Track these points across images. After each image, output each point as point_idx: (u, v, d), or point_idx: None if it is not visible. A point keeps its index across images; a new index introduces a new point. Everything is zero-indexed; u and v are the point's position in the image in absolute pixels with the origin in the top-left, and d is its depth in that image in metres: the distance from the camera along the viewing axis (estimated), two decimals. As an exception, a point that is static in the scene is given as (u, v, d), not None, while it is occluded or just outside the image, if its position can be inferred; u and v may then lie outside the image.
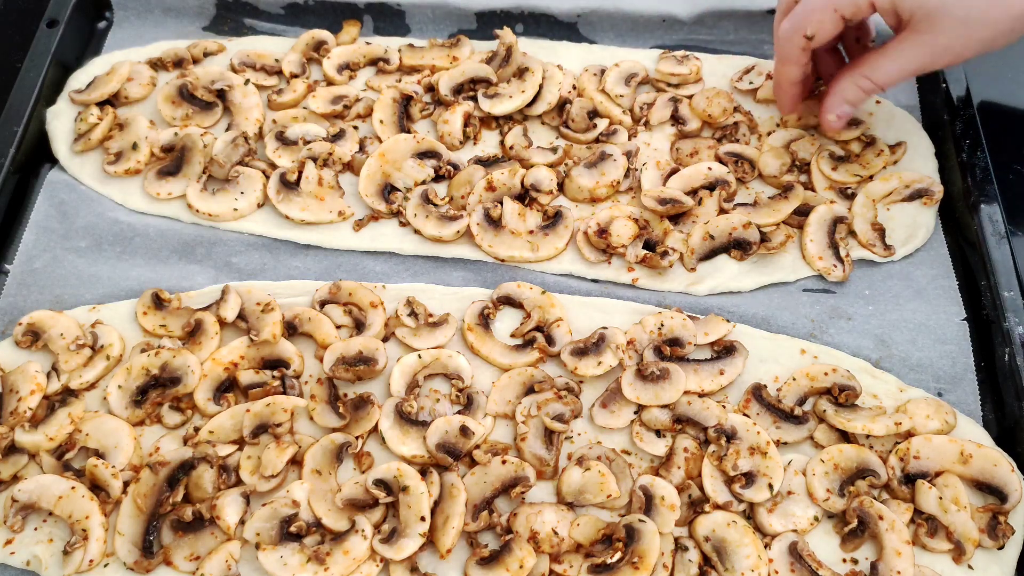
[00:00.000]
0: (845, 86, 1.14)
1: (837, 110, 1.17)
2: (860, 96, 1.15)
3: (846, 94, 1.14)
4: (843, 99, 1.15)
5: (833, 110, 1.17)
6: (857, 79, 1.12)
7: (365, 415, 1.06)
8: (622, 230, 1.20)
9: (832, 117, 1.18)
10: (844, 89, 1.14)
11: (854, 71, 1.13)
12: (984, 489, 1.02)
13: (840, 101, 1.16)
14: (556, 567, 0.98)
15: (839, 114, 1.17)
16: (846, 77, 1.14)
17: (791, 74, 1.18)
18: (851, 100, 1.15)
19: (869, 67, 1.10)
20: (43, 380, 1.09)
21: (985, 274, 1.17)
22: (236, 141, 1.28)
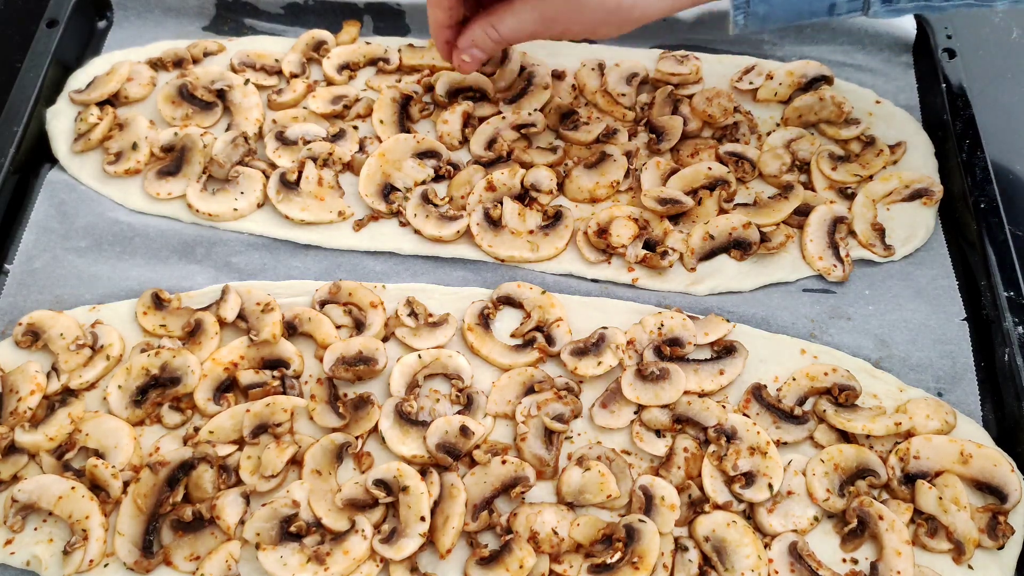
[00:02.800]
0: (475, 30, 1.18)
1: (467, 52, 1.20)
2: (488, 43, 1.18)
3: (475, 37, 1.18)
4: (472, 42, 1.19)
5: (464, 51, 1.20)
6: (486, 27, 1.16)
7: (365, 415, 1.06)
8: (622, 230, 1.20)
9: (465, 58, 1.20)
10: (474, 33, 1.18)
11: (486, 19, 1.16)
12: (984, 489, 1.02)
13: (469, 43, 1.19)
14: (556, 567, 0.98)
15: (469, 55, 1.20)
16: (478, 23, 1.17)
17: (438, 17, 1.19)
18: (479, 45, 1.19)
19: (497, 18, 1.15)
20: (43, 380, 1.09)
21: (985, 274, 1.17)
22: (236, 141, 1.29)
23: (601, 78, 1.38)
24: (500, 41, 1.17)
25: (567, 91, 1.37)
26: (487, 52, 1.20)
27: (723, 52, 1.44)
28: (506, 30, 1.15)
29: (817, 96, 1.32)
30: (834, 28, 1.42)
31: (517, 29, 1.15)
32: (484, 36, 1.17)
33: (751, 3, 1.09)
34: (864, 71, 1.41)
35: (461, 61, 1.21)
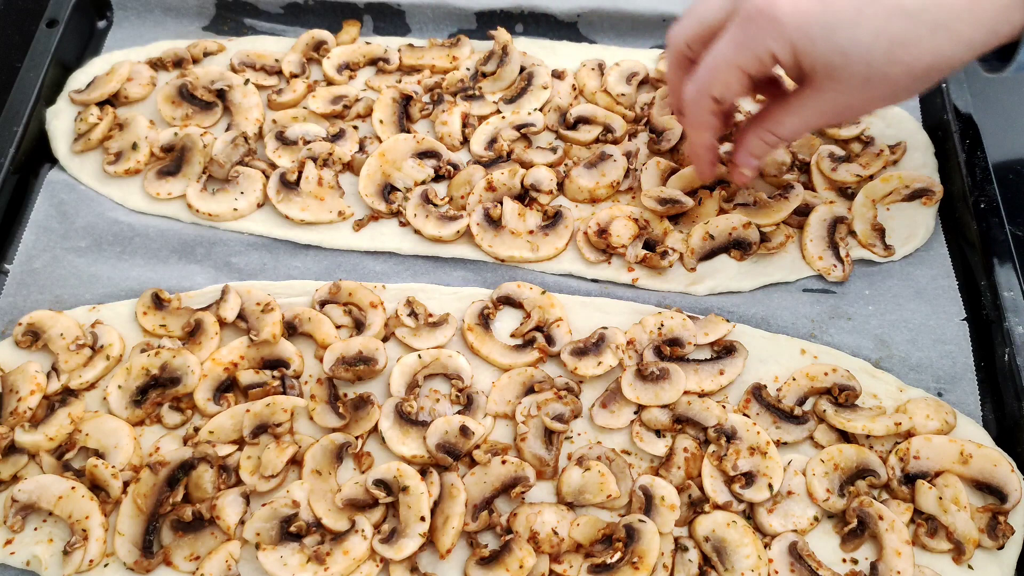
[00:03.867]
0: (751, 140, 1.11)
1: (745, 165, 1.14)
2: (766, 149, 1.11)
3: (752, 148, 1.11)
4: (749, 153, 1.12)
5: (742, 164, 1.14)
6: (762, 133, 1.09)
7: (365, 415, 1.06)
8: (622, 230, 1.20)
9: (746, 171, 1.14)
10: (750, 143, 1.11)
11: (759, 125, 1.09)
12: (984, 489, 1.02)
13: (747, 155, 1.13)
14: (556, 567, 0.98)
15: (748, 167, 1.14)
16: (752, 131, 1.11)
17: (705, 139, 1.13)
18: (757, 154, 1.12)
19: (773, 121, 1.08)
20: (43, 380, 1.09)
21: (985, 274, 1.17)
22: (236, 141, 1.28)
23: (601, 78, 1.38)
24: (778, 143, 1.10)
25: (567, 91, 1.37)
26: (763, 159, 1.14)
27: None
28: (787, 130, 1.07)
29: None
30: None
31: (803, 125, 1.07)
32: (762, 144, 1.10)
33: None
34: (864, 71, 1.41)
35: (741, 175, 1.15)
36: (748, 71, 1.01)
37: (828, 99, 1.01)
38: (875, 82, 0.98)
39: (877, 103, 1.03)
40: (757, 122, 1.10)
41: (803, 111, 1.04)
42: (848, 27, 0.94)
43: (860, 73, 0.97)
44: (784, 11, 0.96)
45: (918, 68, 0.96)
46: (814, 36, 0.95)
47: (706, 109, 1.06)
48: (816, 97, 1.02)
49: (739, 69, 1.01)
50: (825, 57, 0.96)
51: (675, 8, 1.44)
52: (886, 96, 1.01)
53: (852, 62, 0.96)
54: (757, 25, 0.98)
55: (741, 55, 1.00)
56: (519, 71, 1.39)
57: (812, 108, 1.03)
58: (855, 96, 1.00)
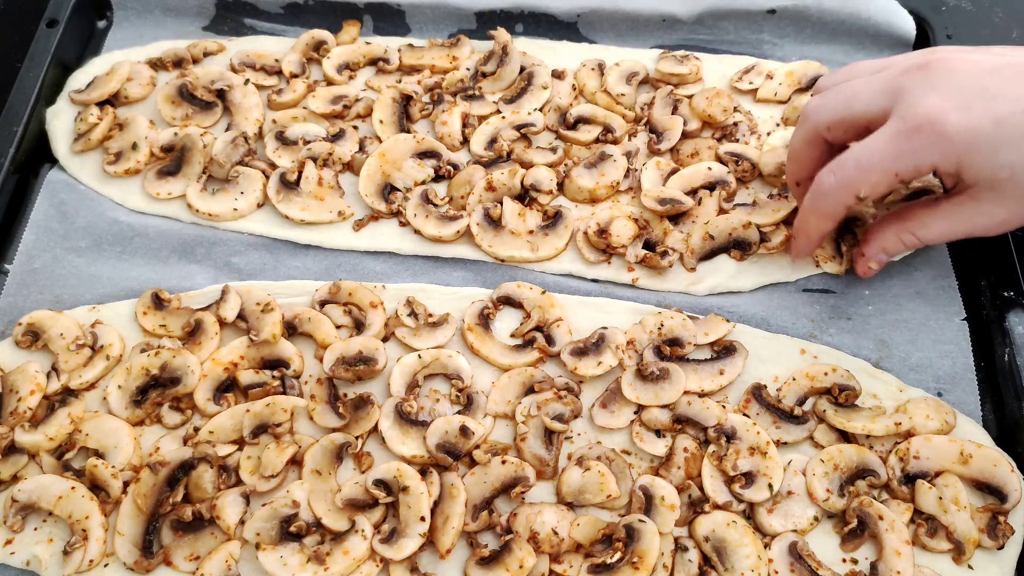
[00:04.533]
0: (888, 237, 1.10)
1: (874, 260, 1.13)
2: (901, 249, 1.11)
3: (887, 245, 1.10)
4: (882, 249, 1.11)
5: (872, 259, 1.13)
6: (902, 233, 1.08)
7: (365, 415, 1.06)
8: (622, 230, 1.20)
9: (873, 265, 1.14)
10: (886, 240, 1.10)
11: (900, 224, 1.08)
12: (984, 489, 1.02)
13: (879, 251, 1.12)
14: (556, 567, 0.98)
15: (877, 261, 1.13)
16: (890, 228, 1.09)
17: (826, 228, 1.10)
18: (890, 252, 1.12)
19: (918, 223, 1.06)
20: (43, 380, 1.09)
21: (985, 274, 1.17)
22: (236, 141, 1.29)
23: (601, 78, 1.38)
24: (916, 246, 1.09)
25: (567, 91, 1.37)
26: (895, 256, 1.13)
27: (723, 52, 1.44)
28: (931, 235, 1.06)
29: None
30: (834, 28, 1.42)
31: (948, 232, 1.05)
32: (898, 242, 1.09)
33: None
34: (864, 71, 1.41)
35: (868, 268, 1.14)
36: (904, 178, 1.01)
37: (984, 210, 1.01)
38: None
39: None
40: (899, 220, 1.09)
41: (954, 218, 1.04)
42: (1019, 146, 0.95)
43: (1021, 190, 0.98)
44: (955, 128, 0.95)
45: None
46: (983, 153, 0.96)
47: (844, 204, 1.05)
48: (972, 207, 1.01)
49: (895, 176, 1.00)
50: (991, 172, 0.97)
51: (675, 8, 1.44)
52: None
53: (1018, 178, 0.97)
54: (923, 137, 0.97)
55: (900, 163, 0.99)
56: (519, 71, 1.39)
57: (965, 217, 1.03)
58: (1014, 210, 1.00)
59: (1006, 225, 1.04)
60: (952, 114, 0.95)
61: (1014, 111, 0.95)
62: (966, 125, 0.95)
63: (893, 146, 0.99)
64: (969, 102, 0.96)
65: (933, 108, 0.96)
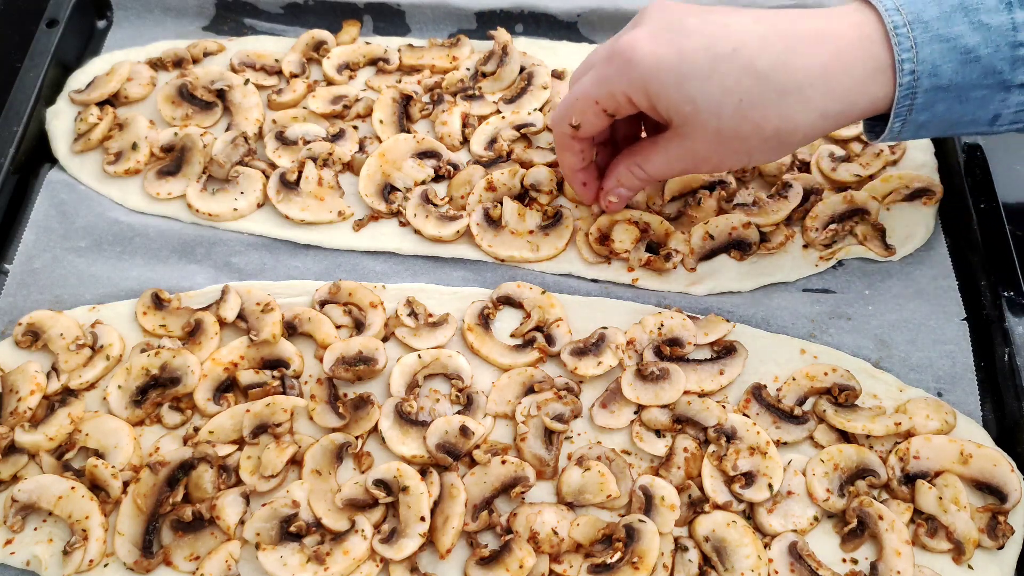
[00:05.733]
0: (622, 171, 1.13)
1: (613, 193, 1.16)
2: (634, 183, 1.14)
3: (621, 178, 1.14)
4: (618, 183, 1.15)
5: (611, 192, 1.17)
6: (632, 167, 1.12)
7: (365, 415, 1.06)
8: (624, 235, 1.20)
9: (612, 199, 1.17)
10: (620, 173, 1.14)
11: (631, 158, 1.12)
12: (984, 489, 1.02)
13: (616, 184, 1.15)
14: (556, 567, 0.98)
15: (616, 195, 1.17)
16: (623, 162, 1.13)
17: (569, 161, 1.16)
18: (627, 185, 1.15)
19: (643, 157, 1.10)
20: (43, 380, 1.09)
21: (985, 274, 1.17)
22: (236, 141, 1.29)
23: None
24: (647, 180, 1.13)
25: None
26: (634, 191, 1.17)
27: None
28: (653, 169, 1.10)
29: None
30: None
31: (665, 167, 1.10)
32: (630, 176, 1.13)
33: (913, 111, 0.98)
34: (864, 71, 1.41)
35: (608, 202, 1.18)
36: (604, 107, 1.05)
37: (686, 146, 1.03)
38: (726, 137, 1.00)
39: (732, 159, 1.04)
40: (630, 155, 1.12)
41: (669, 153, 1.06)
42: (700, 79, 0.97)
43: (711, 126, 0.99)
44: (640, 55, 0.99)
45: (767, 129, 0.98)
46: (666, 84, 0.98)
47: (565, 133, 1.11)
48: (676, 142, 1.04)
49: (595, 103, 1.05)
50: (678, 106, 0.99)
51: (675, 8, 1.44)
52: (739, 153, 1.03)
53: (703, 114, 0.98)
54: (615, 65, 1.01)
55: (598, 90, 1.04)
56: (519, 71, 1.39)
57: (673, 152, 1.06)
58: (710, 148, 1.02)
59: (708, 163, 1.06)
60: (643, 43, 0.99)
61: (700, 46, 0.97)
62: (652, 54, 0.98)
63: (594, 75, 1.04)
64: (662, 34, 0.99)
65: (629, 38, 1.00)
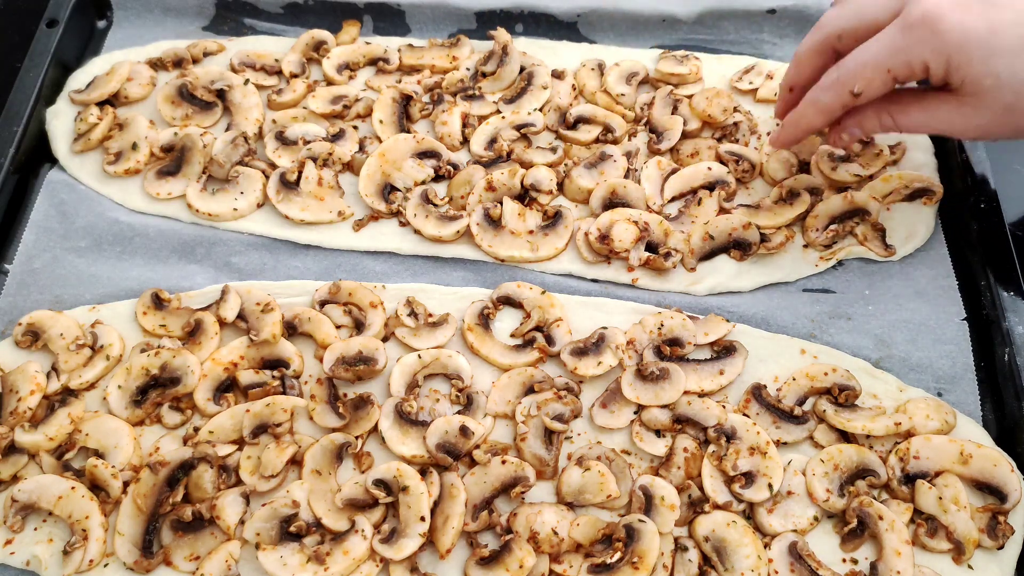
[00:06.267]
0: (868, 115, 1.10)
1: (848, 131, 1.13)
2: (877, 128, 1.11)
3: (864, 121, 1.11)
4: (859, 124, 1.12)
5: (846, 130, 1.13)
6: (882, 113, 1.09)
7: (365, 415, 1.06)
8: (623, 234, 1.20)
9: (845, 136, 1.14)
10: (865, 117, 1.11)
11: (884, 105, 1.08)
12: (984, 489, 1.02)
13: (856, 124, 1.12)
14: (556, 567, 0.98)
15: (849, 134, 1.13)
16: (872, 108, 1.10)
17: (817, 124, 1.12)
18: (867, 129, 1.12)
19: (899, 108, 1.07)
20: (43, 380, 1.09)
21: (985, 274, 1.17)
22: (236, 141, 1.29)
23: (601, 78, 1.38)
24: (893, 129, 1.10)
25: (567, 91, 1.37)
26: (868, 135, 1.15)
27: (723, 52, 1.44)
28: (908, 122, 1.07)
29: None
30: None
31: (925, 125, 1.07)
32: (876, 121, 1.10)
33: None
34: (864, 71, 1.41)
35: (838, 138, 1.14)
36: (896, 75, 1.01)
37: (967, 113, 1.02)
38: (1017, 113, 0.99)
39: (1009, 132, 1.03)
40: (884, 101, 1.08)
41: (936, 113, 1.04)
42: (1009, 55, 0.95)
43: (1007, 101, 0.98)
44: (949, 25, 0.96)
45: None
46: (972, 56, 0.96)
47: (840, 100, 1.07)
48: (956, 107, 1.02)
49: (888, 72, 1.01)
50: (978, 78, 0.97)
51: (675, 8, 1.44)
52: (1019, 128, 1.01)
53: (1003, 89, 0.97)
54: (918, 34, 0.98)
55: (894, 59, 1.00)
56: (519, 71, 1.39)
57: (946, 115, 1.04)
58: (993, 120, 1.01)
59: (981, 132, 1.05)
60: (949, 13, 0.96)
61: (1012, 21, 0.95)
62: (960, 25, 0.96)
63: (888, 42, 1.01)
64: (969, 5, 0.96)
65: (932, 6, 0.97)
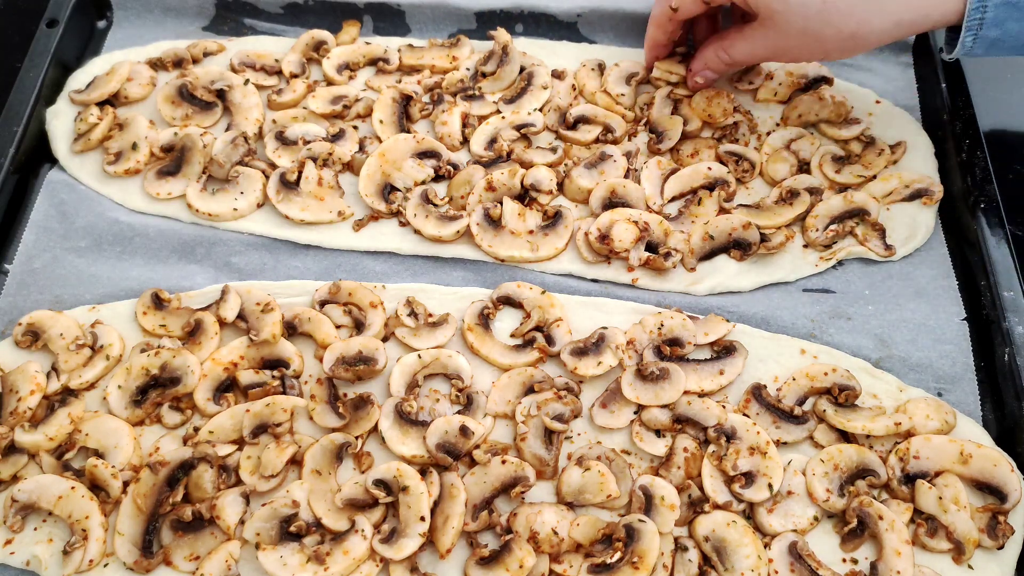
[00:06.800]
0: (708, 54, 1.26)
1: (700, 74, 1.29)
2: (720, 66, 1.26)
3: (708, 61, 1.27)
4: (704, 65, 1.28)
5: (698, 74, 1.30)
6: (719, 51, 1.24)
7: (365, 415, 1.06)
8: (624, 234, 1.20)
9: (698, 79, 1.30)
10: (707, 57, 1.27)
11: (718, 43, 1.24)
12: (984, 489, 1.02)
13: (702, 66, 1.28)
14: (556, 567, 0.98)
15: (702, 76, 1.29)
16: (710, 47, 1.26)
17: (656, 36, 1.31)
18: (712, 67, 1.28)
19: (728, 43, 1.22)
20: (43, 380, 1.09)
21: (985, 274, 1.17)
22: (236, 141, 1.29)
23: (601, 78, 1.38)
24: (731, 64, 1.26)
25: (567, 91, 1.37)
26: (718, 73, 1.29)
27: (723, 52, 1.44)
28: (738, 54, 1.23)
29: (817, 96, 1.32)
30: None
31: (749, 54, 1.22)
32: (716, 59, 1.25)
33: (983, 26, 1.10)
34: (864, 71, 1.41)
35: (695, 82, 1.31)
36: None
37: (770, 38, 1.16)
38: (810, 35, 1.13)
39: (809, 54, 1.18)
40: (718, 39, 1.26)
41: (754, 41, 1.19)
42: None
43: (797, 24, 1.12)
44: None
45: (845, 32, 1.11)
46: None
47: (665, 14, 1.26)
48: (761, 33, 1.17)
49: None
50: (769, 3, 1.13)
51: (675, 8, 1.44)
52: (816, 51, 1.16)
53: (791, 13, 1.12)
54: None
55: None
56: (519, 71, 1.39)
57: (759, 42, 1.18)
58: (792, 42, 1.16)
59: (789, 54, 1.21)
60: None
61: None
62: None
63: None
64: None
65: None
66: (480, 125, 1.33)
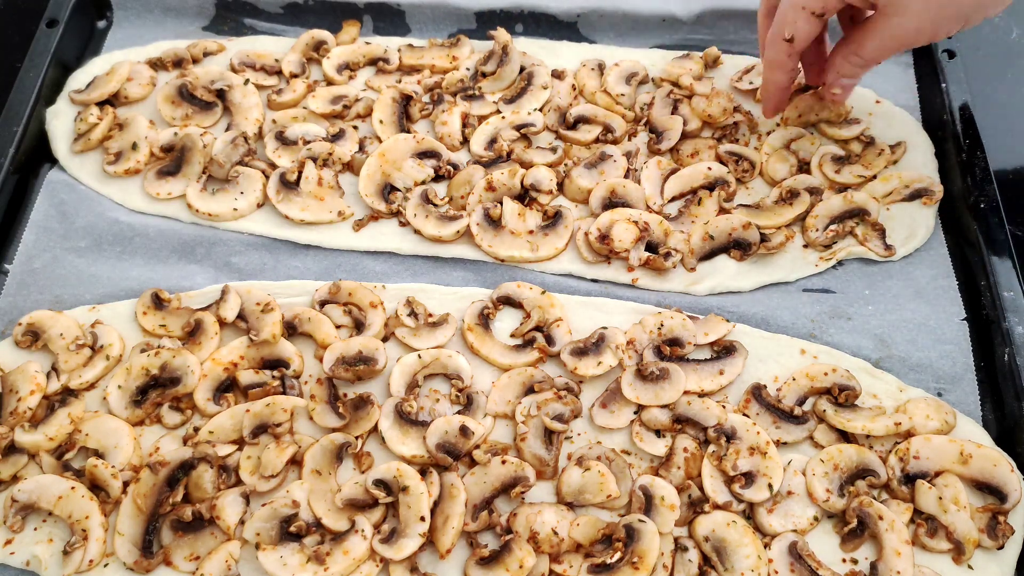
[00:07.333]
0: (839, 63, 1.19)
1: (836, 85, 1.22)
2: (854, 71, 1.19)
3: (841, 70, 1.20)
4: (838, 75, 1.20)
5: (834, 85, 1.22)
6: (848, 56, 1.17)
7: (365, 415, 1.06)
8: (623, 234, 1.20)
9: (836, 91, 1.22)
10: (838, 66, 1.19)
11: (845, 48, 1.17)
12: (984, 489, 1.02)
13: (836, 76, 1.21)
14: (556, 567, 0.98)
15: (840, 87, 1.22)
16: (839, 54, 1.19)
17: (779, 80, 1.22)
18: (846, 74, 1.20)
19: (856, 44, 1.15)
20: (43, 380, 1.09)
21: (985, 274, 1.17)
22: (236, 141, 1.29)
23: (601, 78, 1.38)
24: (864, 65, 1.18)
25: (567, 91, 1.37)
26: (855, 79, 1.22)
27: (723, 52, 1.44)
28: (869, 53, 1.15)
29: (817, 96, 1.32)
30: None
31: (880, 49, 1.14)
32: (848, 65, 1.18)
33: None
34: (864, 71, 1.41)
35: (834, 95, 1.24)
36: (813, 10, 1.11)
37: (897, 23, 1.09)
38: (932, 8, 1.06)
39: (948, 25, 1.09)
40: (842, 46, 1.18)
41: (880, 35, 1.12)
42: None
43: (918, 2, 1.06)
44: None
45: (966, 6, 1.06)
46: None
47: (782, 51, 1.17)
48: (886, 22, 1.10)
49: (803, 8, 1.11)
50: None
51: (675, 8, 1.44)
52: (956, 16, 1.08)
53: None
54: None
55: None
56: (519, 71, 1.39)
57: (887, 32, 1.11)
58: (925, 21, 1.08)
59: (925, 34, 1.11)
60: None
61: None
62: None
63: None
64: None
65: None
66: (480, 125, 1.33)
